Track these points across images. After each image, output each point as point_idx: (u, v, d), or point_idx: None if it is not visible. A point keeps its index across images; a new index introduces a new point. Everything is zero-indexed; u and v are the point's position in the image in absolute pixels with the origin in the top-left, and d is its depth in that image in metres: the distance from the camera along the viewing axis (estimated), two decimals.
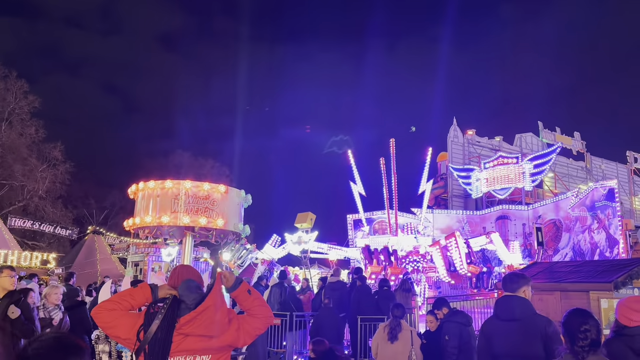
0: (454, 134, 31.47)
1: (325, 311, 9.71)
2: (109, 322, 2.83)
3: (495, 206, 26.77)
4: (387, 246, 17.09)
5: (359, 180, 21.31)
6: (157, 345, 2.76)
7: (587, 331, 2.91)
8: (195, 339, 2.84)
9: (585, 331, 2.91)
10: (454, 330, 6.17)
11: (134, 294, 2.93)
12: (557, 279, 11.35)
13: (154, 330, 2.77)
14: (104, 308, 2.87)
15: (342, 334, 10.21)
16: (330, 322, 9.49)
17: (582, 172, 34.14)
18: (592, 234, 21.45)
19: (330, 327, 9.40)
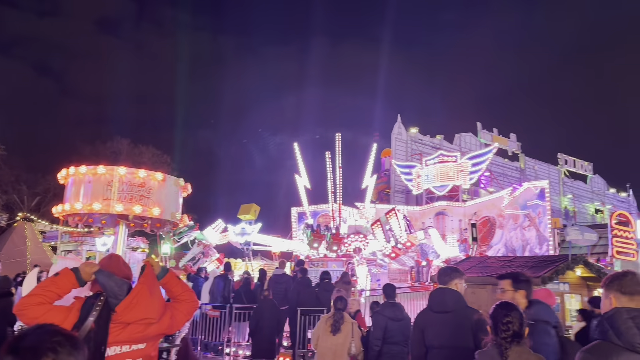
0: (398, 131, 32.09)
1: (265, 303, 9.64)
2: (37, 318, 2.63)
3: (435, 202, 27.58)
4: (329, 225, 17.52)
5: (305, 173, 21.31)
6: (93, 339, 2.66)
7: (510, 323, 3.01)
8: (136, 326, 2.77)
9: (507, 323, 3.01)
10: (380, 323, 6.21)
11: (58, 282, 2.78)
12: (489, 273, 11.85)
13: (89, 327, 2.66)
14: (28, 303, 2.68)
15: (282, 325, 10.19)
16: (270, 313, 9.44)
17: (517, 172, 35.79)
18: (523, 231, 22.55)
19: (270, 319, 9.35)
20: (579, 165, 39.12)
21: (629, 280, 2.51)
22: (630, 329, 2.32)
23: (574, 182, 39.16)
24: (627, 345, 2.30)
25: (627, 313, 2.37)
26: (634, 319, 2.34)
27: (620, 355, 2.30)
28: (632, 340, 2.30)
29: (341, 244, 16.79)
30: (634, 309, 2.39)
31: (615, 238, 15.07)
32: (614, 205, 38.88)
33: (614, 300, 2.50)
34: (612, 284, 2.56)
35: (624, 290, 2.48)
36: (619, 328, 2.34)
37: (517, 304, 3.48)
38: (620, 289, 2.50)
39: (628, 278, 2.52)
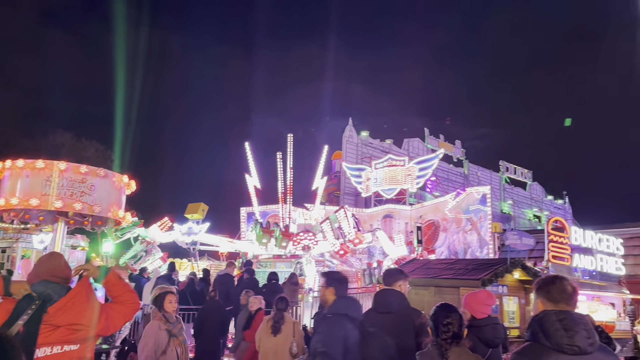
0: (349, 134, 32.44)
1: (211, 304, 9.50)
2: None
3: (383, 205, 28.08)
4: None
5: (255, 173, 21.15)
6: (21, 341, 2.56)
7: (450, 324, 3.11)
8: (65, 330, 2.71)
9: (448, 324, 3.11)
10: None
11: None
12: (432, 275, 12.18)
13: (17, 330, 2.57)
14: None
15: (227, 326, 10.08)
16: (215, 314, 9.31)
17: (461, 178, 37.01)
18: (465, 234, 23.34)
19: (215, 320, 9.22)
20: (519, 172, 40.91)
21: (556, 288, 2.60)
22: (557, 331, 2.42)
23: (514, 188, 40.92)
24: (555, 346, 2.41)
25: (555, 315, 2.47)
26: (561, 321, 2.44)
27: (549, 356, 2.40)
28: (559, 341, 2.40)
29: (291, 240, 16.80)
30: (562, 312, 2.49)
31: (552, 243, 15.84)
32: (551, 212, 40.92)
33: (541, 304, 2.60)
34: (540, 290, 2.66)
35: (550, 297, 2.58)
36: (548, 330, 2.44)
37: (326, 300, 3.72)
38: (547, 295, 2.60)
39: (555, 286, 2.61)
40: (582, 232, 16.83)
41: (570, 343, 2.39)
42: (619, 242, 17.99)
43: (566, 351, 2.39)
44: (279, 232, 16.72)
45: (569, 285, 2.60)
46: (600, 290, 16.64)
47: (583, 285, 16.10)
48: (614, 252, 17.61)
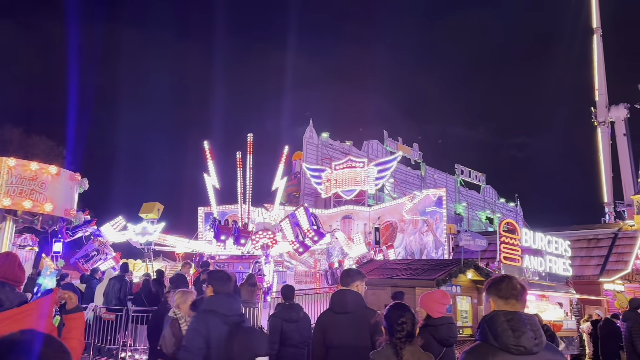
0: (309, 134, 32.50)
1: (165, 305, 9.31)
2: None
3: (342, 206, 28.29)
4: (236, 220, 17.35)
5: (214, 173, 20.88)
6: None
7: (404, 323, 3.18)
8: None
9: (402, 323, 3.18)
10: (276, 326, 6.22)
11: None
12: (389, 275, 12.40)
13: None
14: None
15: None
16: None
17: (418, 180, 37.73)
18: (421, 235, 23.83)
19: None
20: (473, 175, 42.06)
21: (506, 285, 2.65)
22: (505, 331, 2.48)
23: (468, 191, 42.05)
24: (502, 347, 2.46)
25: (504, 316, 2.53)
26: (509, 322, 2.49)
27: (496, 356, 2.46)
28: (506, 341, 2.46)
29: (249, 237, 16.67)
30: (510, 312, 2.55)
31: (503, 245, 16.37)
32: (503, 214, 42.29)
33: (492, 303, 2.66)
34: (490, 289, 2.71)
35: (500, 295, 2.63)
36: (496, 330, 2.50)
37: (206, 296, 3.89)
38: (497, 293, 2.65)
39: (505, 283, 2.67)
40: (532, 234, 17.45)
41: (517, 344, 2.46)
42: (566, 244, 18.76)
43: (512, 351, 2.45)
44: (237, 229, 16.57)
45: (518, 284, 2.67)
46: (549, 290, 17.33)
47: (532, 285, 16.73)
48: (562, 254, 18.35)
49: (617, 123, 49.17)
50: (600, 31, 50.06)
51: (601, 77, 49.45)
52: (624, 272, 21.28)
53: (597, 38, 49.96)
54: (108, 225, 17.87)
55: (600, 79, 49.48)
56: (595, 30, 50.20)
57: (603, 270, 21.35)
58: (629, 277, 21.89)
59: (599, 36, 49.93)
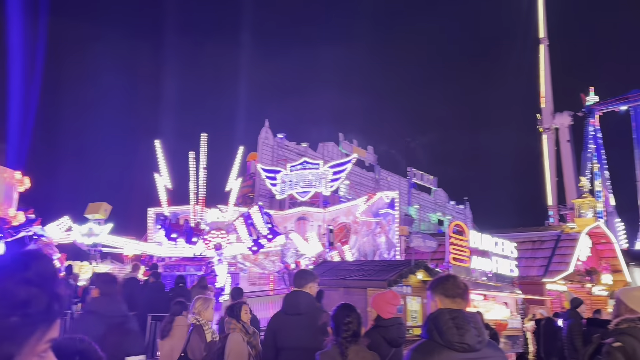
0: (265, 135, 32.33)
1: None
2: None
3: (297, 207, 28.28)
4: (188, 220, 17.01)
5: (166, 173, 20.39)
6: None
7: (350, 323, 3.22)
8: None
9: (348, 323, 3.21)
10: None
11: None
12: (341, 276, 12.48)
13: None
14: None
15: None
16: None
17: (372, 182, 38.24)
18: (375, 237, 24.16)
19: None
20: (425, 178, 43.04)
21: (451, 283, 2.75)
22: (450, 329, 2.55)
23: (420, 193, 42.99)
24: (447, 344, 2.54)
25: (449, 314, 2.60)
26: (454, 319, 2.57)
27: (441, 353, 2.53)
28: (451, 339, 2.54)
29: (201, 236, 16.38)
30: (455, 310, 2.63)
31: (452, 246, 16.80)
32: (453, 216, 43.48)
33: (439, 302, 2.75)
34: (436, 288, 2.79)
35: (447, 293, 2.71)
36: (441, 327, 2.57)
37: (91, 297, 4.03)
38: (444, 292, 2.73)
39: (450, 282, 2.76)
40: (480, 236, 18.01)
41: (461, 341, 2.54)
42: (512, 245, 19.48)
43: (456, 348, 2.53)
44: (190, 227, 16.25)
45: (462, 283, 2.78)
46: (495, 291, 17.93)
47: (479, 285, 17.26)
48: (508, 255, 19.03)
49: (561, 130, 51.59)
50: (546, 41, 52.39)
51: (547, 85, 51.75)
52: (565, 272, 22.30)
53: (543, 47, 52.25)
54: (53, 225, 17.12)
55: (546, 87, 51.78)
56: (541, 40, 52.49)
57: (546, 271, 22.30)
58: (570, 278, 22.97)
59: (545, 46, 52.25)
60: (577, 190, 34.63)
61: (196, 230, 16.45)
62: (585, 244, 24.62)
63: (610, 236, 27.16)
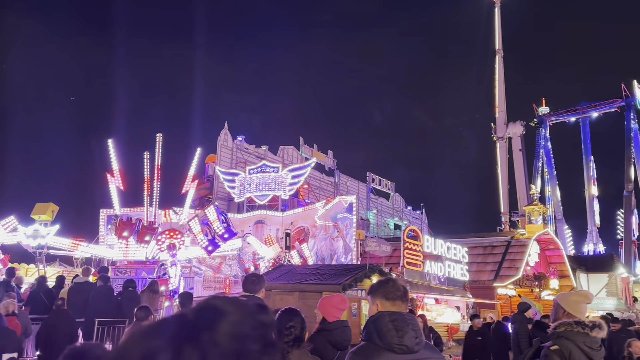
0: (224, 137, 31.99)
1: (58, 314, 8.68)
2: None
3: (255, 211, 28.07)
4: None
5: (118, 174, 19.80)
6: None
7: (292, 327, 3.21)
8: None
9: (290, 327, 3.20)
10: None
11: None
12: (297, 280, 12.48)
13: None
14: None
15: (75, 338, 9.27)
16: (63, 326, 8.52)
17: (331, 187, 38.44)
18: (332, 241, 24.26)
19: (63, 333, 8.42)
20: (383, 184, 43.60)
21: (391, 287, 2.75)
22: (390, 331, 2.58)
23: (378, 198, 43.52)
24: (387, 346, 2.56)
25: (389, 316, 2.62)
26: (394, 322, 2.58)
27: (380, 355, 2.55)
28: (390, 341, 2.56)
29: (154, 234, 15.95)
30: (395, 312, 2.64)
31: (407, 250, 17.10)
32: (409, 221, 44.20)
33: (380, 305, 2.76)
34: (377, 291, 2.79)
35: (388, 296, 2.72)
36: (381, 330, 2.59)
37: None
38: (385, 295, 2.73)
39: (390, 285, 2.76)
40: (434, 241, 18.38)
41: (400, 343, 2.57)
42: (464, 250, 19.99)
43: (396, 350, 2.56)
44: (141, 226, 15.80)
45: (401, 286, 2.80)
46: (448, 295, 18.34)
47: (432, 289, 17.63)
48: (460, 260, 19.52)
49: (514, 139, 53.43)
50: (501, 52, 54.22)
51: (501, 96, 53.52)
52: (515, 277, 23.05)
53: (498, 59, 54.03)
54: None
55: (500, 98, 53.54)
56: (497, 52, 54.28)
57: (497, 276, 22.98)
58: (520, 282, 23.75)
59: (500, 57, 54.05)
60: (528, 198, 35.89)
61: (149, 229, 16.02)
62: (535, 249, 25.55)
63: (558, 242, 28.29)
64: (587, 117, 56.78)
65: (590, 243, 55.71)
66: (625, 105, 53.53)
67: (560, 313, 3.85)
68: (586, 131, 56.78)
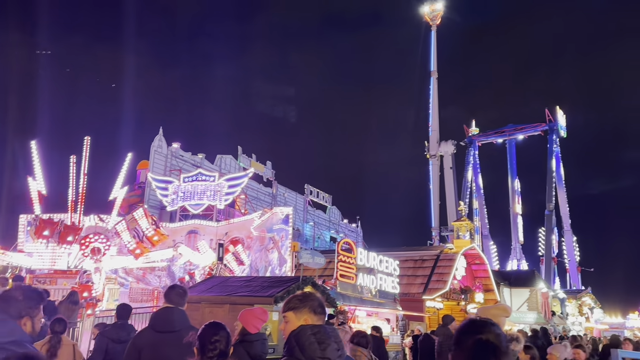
0: (158, 143, 31.04)
1: None
2: None
3: (189, 220, 27.34)
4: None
5: (41, 177, 18.66)
6: None
7: (217, 342, 3.13)
8: None
9: (215, 342, 3.12)
10: (101, 345, 5.95)
11: None
12: (228, 292, 12.21)
13: None
14: None
15: None
16: None
17: (269, 198, 38.23)
18: (267, 252, 24.06)
19: None
20: (321, 196, 43.93)
21: (316, 301, 2.78)
22: (312, 344, 2.57)
23: (315, 211, 43.77)
24: (309, 359, 2.59)
25: (310, 330, 2.62)
26: (315, 335, 2.58)
27: None
28: (313, 354, 2.55)
29: (77, 234, 15.10)
30: (317, 326, 2.65)
31: (340, 263, 17.26)
32: (345, 234, 44.71)
33: (307, 319, 2.73)
34: (303, 306, 2.77)
35: (315, 311, 2.74)
36: (304, 344, 2.57)
37: None
38: (312, 309, 2.74)
39: (315, 299, 2.79)
40: (367, 254, 18.67)
41: (322, 355, 2.57)
42: (396, 263, 20.44)
43: None
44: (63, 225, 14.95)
45: (320, 299, 2.84)
46: (379, 307, 18.65)
47: (364, 302, 17.87)
48: (391, 272, 19.93)
49: (445, 157, 55.76)
50: (436, 74, 56.63)
51: (435, 116, 55.77)
52: (443, 290, 23.82)
53: (433, 80, 56.37)
54: None
55: (434, 117, 55.77)
56: (432, 73, 56.64)
57: (426, 289, 23.65)
58: (447, 295, 24.57)
59: (435, 79, 56.41)
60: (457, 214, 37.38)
61: (72, 229, 15.13)
62: (462, 264, 26.57)
63: (483, 257, 29.59)
64: (513, 139, 60.32)
65: (514, 259, 58.86)
66: (549, 129, 57.40)
67: None
68: (512, 152, 60.30)
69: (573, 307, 41.72)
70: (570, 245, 58.02)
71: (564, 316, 38.35)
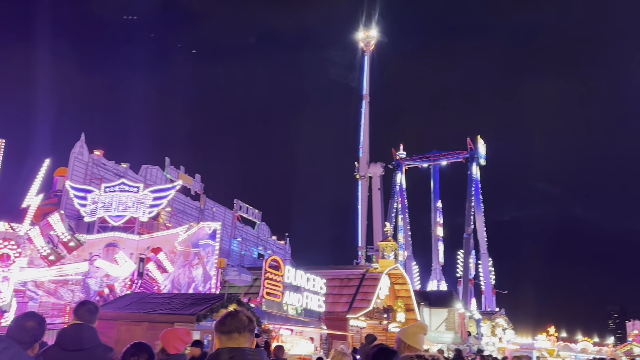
0: (79, 150, 29.39)
1: None
2: None
3: (108, 232, 26.00)
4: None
5: None
6: None
7: None
8: None
9: None
10: None
11: None
12: (147, 310, 11.68)
13: None
14: None
15: None
16: None
17: (196, 212, 37.22)
18: (191, 268, 23.32)
19: None
20: (250, 212, 43.42)
21: (230, 320, 2.64)
22: None
23: (244, 226, 43.16)
24: None
25: (227, 353, 2.51)
26: (232, 358, 2.49)
27: None
28: None
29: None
30: (235, 348, 2.53)
31: (267, 280, 17.06)
32: (274, 251, 44.36)
33: (217, 341, 2.63)
34: (216, 326, 2.67)
35: (224, 330, 2.60)
36: None
37: None
38: (221, 329, 2.61)
39: (229, 318, 2.65)
40: (295, 272, 18.64)
41: None
42: (322, 282, 20.53)
43: None
44: None
45: (244, 317, 2.67)
46: (304, 326, 18.58)
47: (289, 320, 17.74)
48: (318, 291, 19.98)
49: (374, 178, 57.22)
50: (368, 97, 58.38)
51: (365, 137, 57.24)
52: (366, 309, 24.17)
53: (365, 103, 58.03)
54: None
55: (365, 139, 57.21)
56: (364, 97, 58.33)
57: (350, 308, 23.90)
58: (370, 315, 24.95)
59: (366, 102, 58.10)
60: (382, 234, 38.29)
61: None
62: (385, 283, 27.15)
63: (406, 277, 30.42)
64: (437, 164, 63.21)
65: (435, 279, 61.09)
66: (470, 157, 60.70)
67: (402, 347, 4.09)
68: (436, 177, 63.14)
69: (487, 328, 43.75)
70: (486, 267, 61.09)
71: (479, 336, 40.10)
